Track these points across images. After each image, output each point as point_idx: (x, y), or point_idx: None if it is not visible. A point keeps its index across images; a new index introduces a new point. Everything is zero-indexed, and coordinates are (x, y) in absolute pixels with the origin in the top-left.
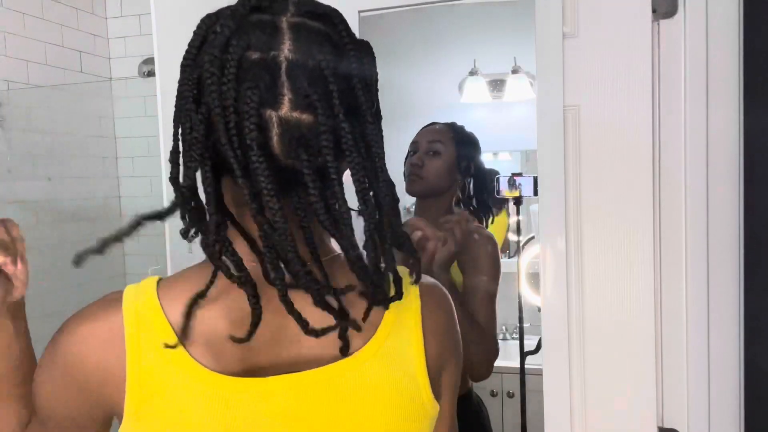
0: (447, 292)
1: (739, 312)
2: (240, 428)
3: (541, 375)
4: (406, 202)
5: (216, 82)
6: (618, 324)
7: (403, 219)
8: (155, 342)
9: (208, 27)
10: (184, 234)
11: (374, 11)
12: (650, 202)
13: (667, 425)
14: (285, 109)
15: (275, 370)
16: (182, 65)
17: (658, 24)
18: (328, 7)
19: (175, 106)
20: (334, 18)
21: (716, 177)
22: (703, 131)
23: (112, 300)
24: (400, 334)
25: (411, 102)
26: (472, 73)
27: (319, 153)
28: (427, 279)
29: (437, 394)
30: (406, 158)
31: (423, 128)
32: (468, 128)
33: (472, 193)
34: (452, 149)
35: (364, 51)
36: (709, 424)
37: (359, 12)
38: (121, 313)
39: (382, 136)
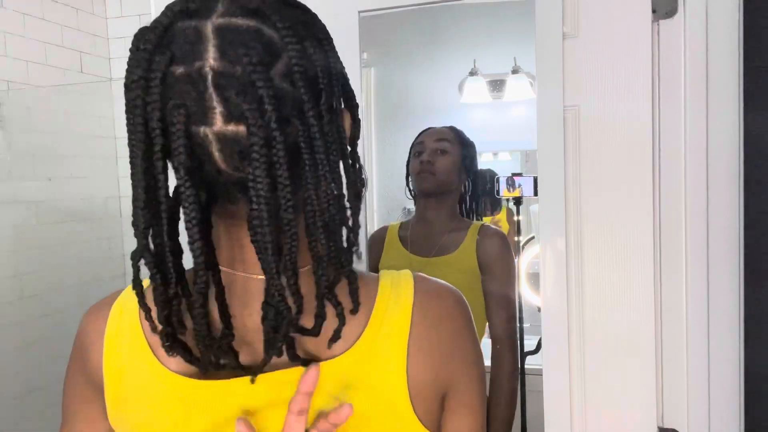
0: (459, 299)
1: (739, 312)
2: (201, 429)
3: (541, 375)
4: (407, 202)
5: (141, 105)
6: (618, 324)
7: (405, 219)
8: (129, 343)
9: (136, 42)
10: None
11: (374, 11)
12: (650, 202)
13: (667, 425)
14: (218, 124)
15: (237, 373)
16: (124, 87)
17: (658, 24)
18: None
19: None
20: (269, 12)
21: (716, 177)
22: (703, 131)
23: (112, 296)
24: (379, 352)
25: (411, 102)
26: (472, 73)
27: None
28: (430, 284)
29: (433, 422)
30: (408, 161)
31: (424, 131)
32: (468, 128)
33: (470, 191)
34: (458, 148)
35: (309, 41)
36: (709, 424)
37: (359, 12)
38: (110, 310)
39: (339, 135)
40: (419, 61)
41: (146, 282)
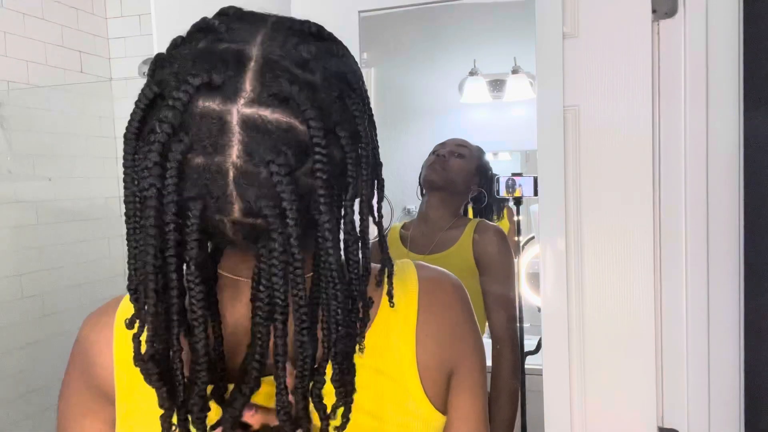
0: (457, 284)
1: (740, 312)
2: None
3: (541, 375)
4: (407, 202)
5: (155, 196)
6: (618, 324)
7: (405, 218)
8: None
9: (148, 108)
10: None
11: (374, 11)
12: (650, 202)
13: (667, 425)
14: (236, 215)
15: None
16: (125, 137)
17: (658, 24)
18: (295, 84)
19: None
20: (302, 99)
21: (716, 177)
22: (703, 131)
23: (112, 304)
24: (390, 338)
25: (411, 102)
26: (472, 73)
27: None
28: (430, 272)
29: (441, 402)
30: (424, 165)
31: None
32: (468, 128)
33: (484, 199)
34: (475, 159)
35: (339, 131)
36: (709, 424)
37: (359, 12)
38: (114, 318)
39: (354, 226)
40: (419, 61)
41: (125, 305)
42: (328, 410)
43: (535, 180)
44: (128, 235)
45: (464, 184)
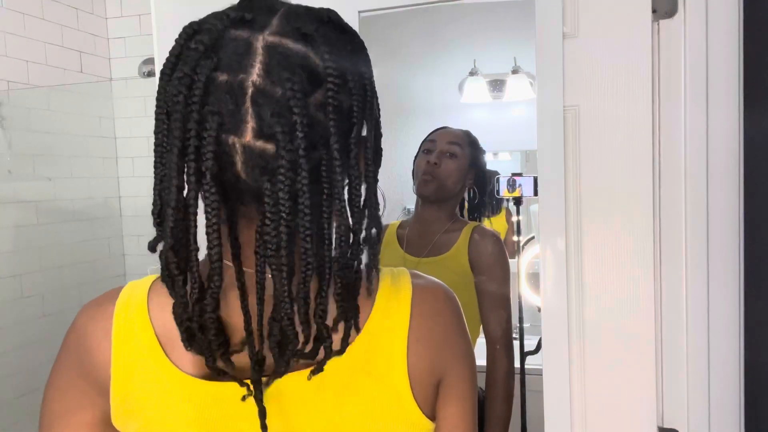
0: (450, 295)
1: (739, 312)
2: (211, 429)
3: (541, 375)
4: (406, 202)
5: (182, 102)
6: (618, 324)
7: (404, 218)
8: (137, 344)
9: (187, 38)
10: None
11: (374, 11)
12: (650, 202)
13: (667, 425)
14: (248, 137)
15: (249, 374)
16: (161, 73)
17: (658, 24)
18: (320, 24)
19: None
20: (320, 40)
21: (716, 177)
22: (703, 131)
23: (112, 293)
24: (382, 342)
25: (411, 102)
26: (472, 73)
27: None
28: (425, 281)
29: (429, 408)
30: (415, 157)
31: (438, 130)
32: (468, 128)
33: (476, 199)
34: (468, 154)
35: (351, 74)
36: (709, 424)
37: (359, 12)
38: (114, 307)
39: (359, 170)
40: (419, 61)
41: (150, 279)
42: (330, 328)
43: (535, 180)
44: (155, 163)
45: (458, 185)
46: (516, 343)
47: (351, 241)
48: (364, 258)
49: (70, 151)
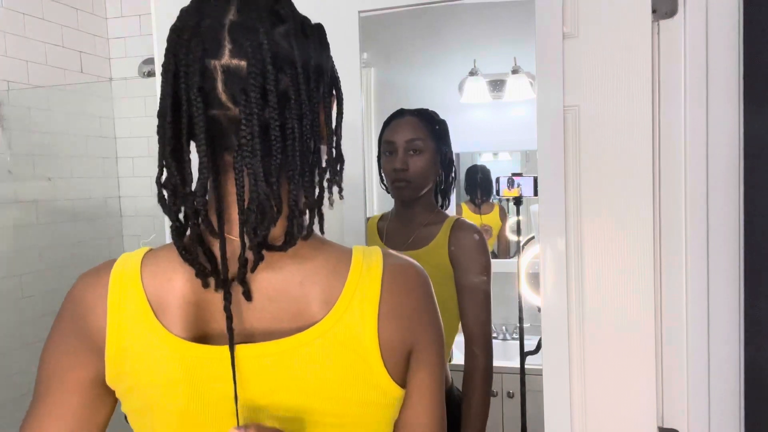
0: (421, 273)
1: (739, 312)
2: (198, 391)
3: (541, 375)
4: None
5: (176, 40)
6: (618, 324)
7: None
8: (131, 308)
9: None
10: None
11: (374, 11)
12: (650, 202)
13: (667, 425)
14: (225, 58)
15: (235, 338)
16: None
17: (658, 24)
18: None
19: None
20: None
21: (716, 177)
22: (703, 131)
23: (107, 264)
24: (354, 314)
25: (411, 102)
26: (472, 73)
27: (263, 102)
28: (396, 259)
29: (399, 377)
30: (378, 157)
31: (392, 122)
32: (468, 128)
33: (444, 179)
34: (432, 143)
35: (307, 24)
36: (709, 424)
37: (359, 12)
38: (110, 276)
39: (317, 97)
40: (419, 61)
41: (143, 250)
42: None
43: (535, 180)
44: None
45: (431, 176)
46: (516, 343)
47: (313, 143)
48: (327, 175)
49: (70, 151)
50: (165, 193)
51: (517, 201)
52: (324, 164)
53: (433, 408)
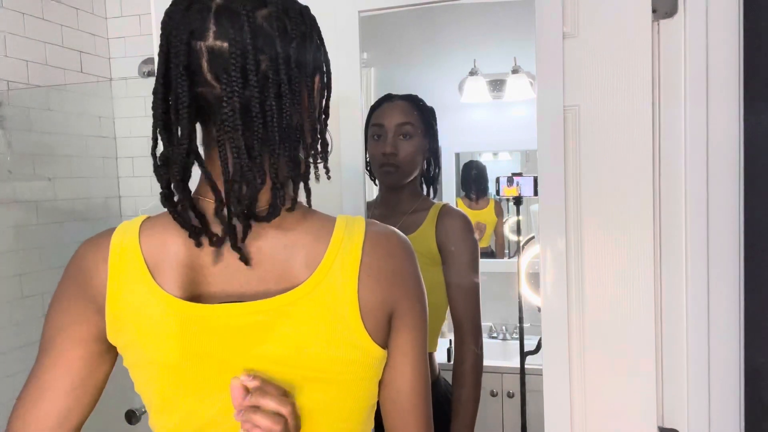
0: (403, 238)
1: (739, 312)
2: (191, 346)
3: (541, 375)
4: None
5: (166, 22)
6: (618, 324)
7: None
8: (129, 269)
9: None
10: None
11: (374, 11)
12: (650, 202)
13: (667, 425)
14: (210, 39)
15: (226, 298)
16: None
17: (658, 24)
18: None
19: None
20: None
21: (716, 177)
22: (703, 131)
23: (108, 231)
24: (335, 276)
25: None
26: (472, 73)
27: (244, 82)
28: (379, 227)
29: (380, 338)
30: (366, 141)
31: (382, 104)
32: (468, 128)
33: (432, 171)
34: (421, 128)
35: (290, 8)
36: (709, 424)
37: (359, 12)
38: (110, 241)
39: (296, 75)
40: (419, 61)
41: (141, 217)
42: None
43: (535, 180)
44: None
45: (419, 162)
46: (516, 343)
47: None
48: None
49: (70, 151)
50: (158, 161)
51: (517, 201)
52: (310, 140)
53: (416, 368)
